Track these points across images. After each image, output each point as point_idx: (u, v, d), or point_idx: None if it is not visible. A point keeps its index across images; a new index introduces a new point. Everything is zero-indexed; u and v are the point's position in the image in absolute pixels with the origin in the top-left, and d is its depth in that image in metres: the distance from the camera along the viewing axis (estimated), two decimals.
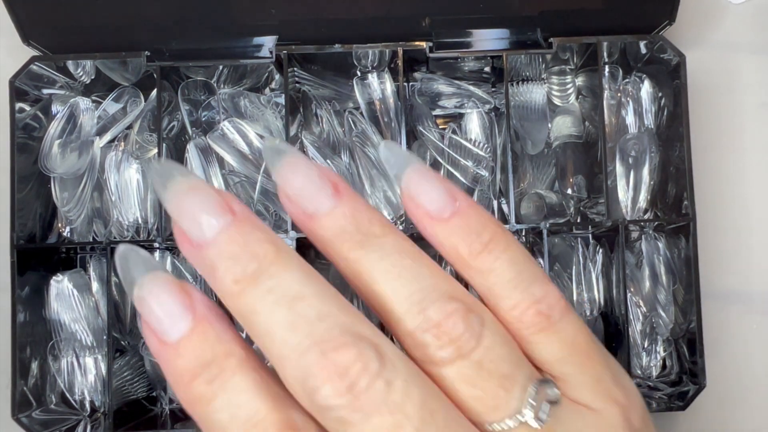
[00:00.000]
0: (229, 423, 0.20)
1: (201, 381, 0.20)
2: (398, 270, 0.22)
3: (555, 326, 0.22)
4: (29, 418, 0.45)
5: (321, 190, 0.23)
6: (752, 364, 0.51)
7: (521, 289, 0.22)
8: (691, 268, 0.45)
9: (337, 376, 0.19)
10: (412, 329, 0.21)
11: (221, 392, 0.20)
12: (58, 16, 0.45)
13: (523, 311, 0.22)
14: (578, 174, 0.50)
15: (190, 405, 0.21)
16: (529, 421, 0.20)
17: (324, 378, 0.19)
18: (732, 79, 0.52)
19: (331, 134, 0.50)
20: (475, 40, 0.47)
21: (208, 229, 0.22)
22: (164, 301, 0.21)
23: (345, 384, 0.19)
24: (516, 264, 0.22)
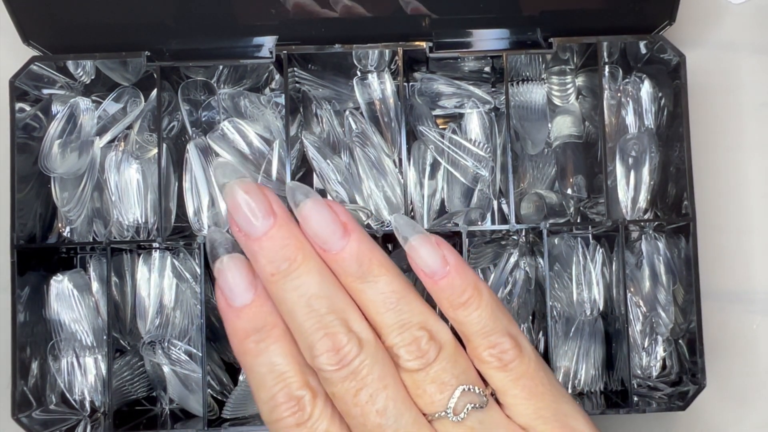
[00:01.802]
0: (266, 374, 0.30)
1: (251, 340, 0.31)
2: (387, 304, 0.31)
3: (506, 366, 0.30)
4: (29, 418, 0.45)
5: (333, 233, 0.31)
6: (752, 363, 0.51)
7: (483, 337, 0.31)
8: (691, 268, 0.45)
9: (332, 352, 0.29)
10: (391, 344, 0.31)
11: (264, 351, 0.30)
12: (58, 16, 0.45)
13: (482, 352, 0.31)
14: (578, 174, 0.50)
15: (240, 354, 0.31)
16: (450, 416, 0.30)
17: (322, 351, 0.29)
18: (732, 79, 0.52)
19: (331, 134, 0.50)
20: (475, 40, 0.47)
21: (253, 228, 0.30)
22: (237, 275, 0.31)
23: (335, 359, 0.29)
24: (482, 319, 0.31)
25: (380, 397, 0.29)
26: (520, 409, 0.30)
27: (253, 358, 0.30)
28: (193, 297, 0.48)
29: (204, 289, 0.45)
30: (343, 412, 0.30)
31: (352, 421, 0.30)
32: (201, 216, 0.48)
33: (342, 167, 0.49)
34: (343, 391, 0.29)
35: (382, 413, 0.29)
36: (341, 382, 0.29)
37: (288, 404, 0.29)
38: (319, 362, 0.29)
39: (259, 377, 0.30)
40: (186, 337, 0.49)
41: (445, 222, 0.49)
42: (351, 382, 0.29)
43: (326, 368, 0.29)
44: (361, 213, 0.48)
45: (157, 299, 0.49)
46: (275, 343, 0.30)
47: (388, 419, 0.29)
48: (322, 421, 0.30)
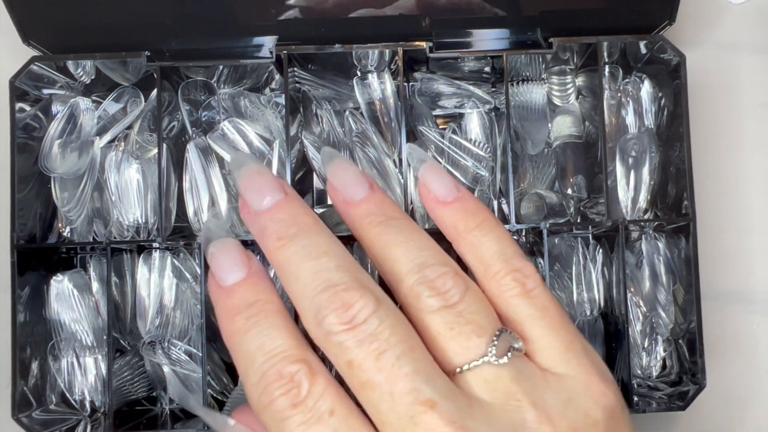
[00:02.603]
0: (255, 351, 0.25)
1: (242, 316, 0.27)
2: (407, 242, 0.28)
3: (530, 293, 0.27)
4: (29, 418, 0.45)
5: (359, 184, 0.30)
6: (752, 363, 0.51)
7: (503, 260, 0.28)
8: (691, 268, 0.45)
9: (342, 309, 0.25)
10: (411, 283, 0.26)
11: (255, 326, 0.26)
12: (58, 16, 0.45)
13: (503, 277, 0.27)
14: (578, 174, 0.50)
15: (229, 337, 0.27)
16: (492, 360, 0.25)
17: (332, 309, 0.25)
18: (732, 79, 0.52)
19: (331, 134, 0.50)
20: (475, 40, 0.47)
21: (265, 202, 0.29)
22: (229, 255, 0.29)
23: (348, 316, 0.25)
24: (501, 241, 0.28)
25: (408, 359, 0.24)
26: (549, 341, 0.26)
27: (242, 336, 0.26)
28: (193, 297, 0.48)
29: (204, 289, 0.45)
30: (363, 384, 0.24)
31: (375, 393, 0.24)
32: (201, 216, 0.48)
33: None
34: (361, 357, 0.24)
35: (413, 377, 0.24)
36: (358, 346, 0.24)
37: (280, 382, 0.24)
38: (328, 324, 0.25)
39: (248, 356, 0.26)
40: (186, 337, 0.49)
41: None
42: (371, 344, 0.24)
43: (337, 329, 0.24)
44: None
45: (157, 299, 0.49)
46: (268, 317, 0.26)
47: (420, 383, 0.24)
48: (325, 400, 0.24)
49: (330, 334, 0.25)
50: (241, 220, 0.48)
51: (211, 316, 0.48)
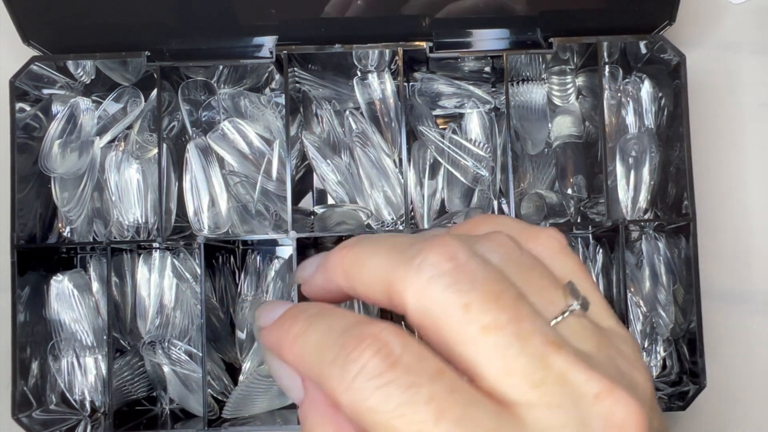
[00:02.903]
0: (325, 333, 0.22)
1: (301, 318, 0.23)
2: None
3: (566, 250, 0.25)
4: (29, 418, 0.45)
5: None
6: (752, 364, 0.51)
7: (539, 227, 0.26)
8: (691, 268, 0.45)
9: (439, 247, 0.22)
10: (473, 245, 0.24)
11: (319, 318, 0.23)
12: (58, 16, 0.45)
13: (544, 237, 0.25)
14: (578, 174, 0.50)
15: (290, 346, 0.23)
16: (578, 309, 0.23)
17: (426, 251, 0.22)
18: (732, 79, 0.52)
19: (331, 134, 0.50)
20: (475, 40, 0.47)
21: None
22: (273, 302, 0.25)
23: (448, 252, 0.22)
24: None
25: (525, 301, 0.22)
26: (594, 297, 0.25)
27: (305, 331, 0.23)
28: (193, 297, 0.48)
29: (204, 289, 0.45)
30: (486, 327, 0.21)
31: (499, 335, 0.21)
32: (201, 216, 0.48)
33: (342, 167, 0.49)
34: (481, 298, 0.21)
35: (534, 318, 0.22)
36: (472, 285, 0.21)
37: (364, 343, 0.21)
38: (428, 264, 0.22)
39: (318, 342, 0.22)
40: (186, 337, 0.49)
41: (445, 222, 0.49)
42: (493, 284, 0.22)
43: (443, 267, 0.21)
44: (361, 213, 0.48)
45: (157, 299, 0.49)
46: (331, 310, 0.23)
47: (542, 324, 0.21)
48: (426, 358, 0.21)
49: (434, 277, 0.21)
50: (241, 220, 0.48)
51: (211, 315, 0.48)
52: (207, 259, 0.46)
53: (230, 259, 0.51)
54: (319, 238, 0.47)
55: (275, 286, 0.50)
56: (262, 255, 0.51)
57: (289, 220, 0.45)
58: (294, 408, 0.47)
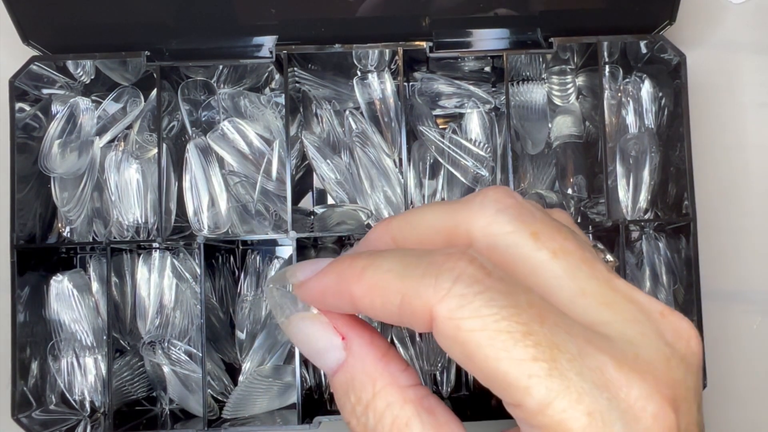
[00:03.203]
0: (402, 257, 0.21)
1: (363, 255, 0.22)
2: None
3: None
4: (29, 418, 0.45)
5: None
6: (752, 364, 0.51)
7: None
8: (692, 268, 0.45)
9: (495, 188, 0.23)
10: None
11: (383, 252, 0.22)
12: (58, 16, 0.45)
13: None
14: (578, 174, 0.50)
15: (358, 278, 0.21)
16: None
17: (484, 192, 0.23)
18: (732, 79, 0.52)
19: (331, 134, 0.50)
20: (475, 40, 0.47)
21: None
22: (311, 260, 0.24)
23: (506, 191, 0.23)
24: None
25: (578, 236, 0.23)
26: None
27: (375, 259, 0.21)
28: (193, 297, 0.48)
29: (204, 289, 0.45)
30: (556, 251, 0.22)
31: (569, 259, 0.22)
32: (201, 216, 0.48)
33: (342, 167, 0.49)
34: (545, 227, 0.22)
35: (593, 250, 0.23)
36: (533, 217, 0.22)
37: (455, 256, 0.20)
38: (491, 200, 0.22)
39: (395, 267, 0.21)
40: (186, 337, 0.49)
41: None
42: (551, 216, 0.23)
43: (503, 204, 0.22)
44: (361, 213, 0.48)
45: (157, 299, 0.49)
46: (394, 250, 0.22)
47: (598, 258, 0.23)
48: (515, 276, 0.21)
49: (500, 210, 0.22)
50: (241, 220, 0.48)
51: (211, 315, 0.48)
52: (207, 259, 0.46)
53: (230, 259, 0.51)
54: (319, 238, 0.47)
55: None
56: (262, 255, 0.51)
57: (289, 220, 0.45)
58: (293, 408, 0.47)
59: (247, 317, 0.50)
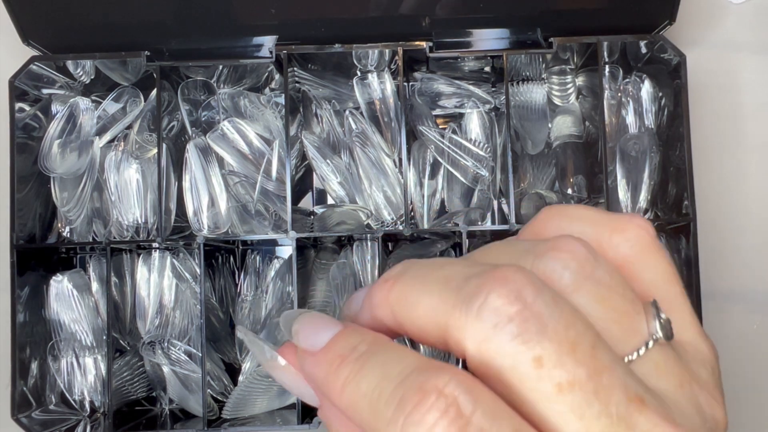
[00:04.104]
0: (380, 381, 0.19)
1: (350, 359, 0.20)
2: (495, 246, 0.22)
3: (655, 245, 0.22)
4: (29, 418, 0.45)
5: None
6: (752, 364, 0.51)
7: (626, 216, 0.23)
8: (692, 268, 0.45)
9: (501, 286, 0.19)
10: (531, 264, 0.20)
11: (371, 359, 0.20)
12: (58, 16, 0.45)
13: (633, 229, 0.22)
14: (578, 174, 0.50)
15: (339, 392, 0.20)
16: (661, 339, 0.20)
17: (487, 290, 0.19)
18: (732, 79, 0.52)
19: (331, 134, 0.50)
20: (475, 40, 0.47)
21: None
22: (315, 320, 0.22)
23: (512, 291, 0.19)
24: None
25: (603, 346, 0.19)
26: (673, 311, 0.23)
27: (356, 377, 0.20)
28: (192, 297, 0.48)
29: (203, 289, 0.45)
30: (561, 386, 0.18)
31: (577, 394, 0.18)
32: (201, 216, 0.48)
33: (342, 167, 0.49)
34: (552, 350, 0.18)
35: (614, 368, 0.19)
36: (542, 335, 0.19)
37: (427, 400, 0.18)
38: (490, 302, 0.19)
39: (371, 393, 0.19)
40: (186, 337, 0.49)
41: (445, 222, 0.49)
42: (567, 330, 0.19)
43: (507, 310, 0.19)
44: (361, 213, 0.48)
45: (156, 299, 0.49)
46: (384, 345, 0.20)
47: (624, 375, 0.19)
48: (502, 418, 0.18)
49: (498, 325, 0.18)
50: (241, 220, 0.48)
51: (210, 316, 0.48)
52: (207, 259, 0.46)
53: (230, 259, 0.51)
54: (318, 238, 0.47)
55: (275, 286, 0.50)
56: (262, 255, 0.51)
57: (289, 220, 0.45)
58: (293, 408, 0.47)
59: (247, 317, 0.50)
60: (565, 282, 0.20)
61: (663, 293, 0.22)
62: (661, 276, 0.22)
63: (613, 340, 0.20)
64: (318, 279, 0.50)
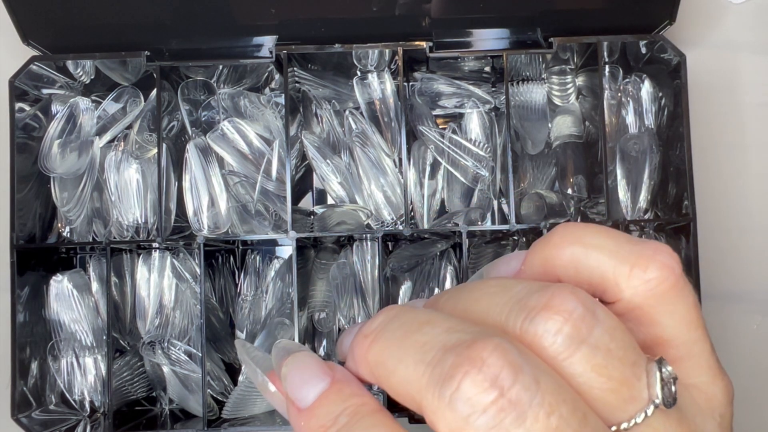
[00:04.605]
0: None
1: (338, 425, 0.20)
2: (486, 289, 0.21)
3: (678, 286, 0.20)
4: (29, 418, 0.45)
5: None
6: (752, 364, 0.51)
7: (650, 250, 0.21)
8: (692, 269, 0.45)
9: (477, 370, 0.17)
10: (520, 326, 0.19)
11: (356, 424, 0.19)
12: (58, 16, 0.45)
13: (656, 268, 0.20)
14: (578, 174, 0.50)
15: None
16: (662, 405, 0.19)
17: (463, 375, 0.17)
18: (732, 79, 0.52)
19: (331, 134, 0.50)
20: (475, 39, 0.47)
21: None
22: (304, 369, 0.21)
23: (489, 376, 0.17)
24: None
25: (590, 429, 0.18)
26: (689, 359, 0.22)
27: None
28: (192, 297, 0.48)
29: (203, 289, 0.45)
30: None
31: None
32: (201, 216, 0.48)
33: (342, 167, 0.49)
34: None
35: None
36: (519, 421, 0.17)
37: None
38: (464, 399, 0.17)
39: None
40: (186, 337, 0.49)
41: (445, 222, 0.49)
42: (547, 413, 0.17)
43: (482, 400, 0.17)
44: (361, 213, 0.48)
45: (156, 299, 0.49)
46: (369, 415, 0.20)
47: None
48: None
49: (471, 416, 0.17)
50: (241, 220, 0.48)
51: (210, 316, 0.48)
52: (207, 259, 0.46)
53: (230, 259, 0.51)
54: (318, 238, 0.47)
55: (275, 286, 0.50)
56: (262, 255, 0.51)
57: (289, 220, 0.45)
58: None
59: (247, 317, 0.50)
60: (557, 348, 0.19)
61: (681, 338, 0.21)
62: (680, 320, 0.21)
63: (609, 408, 0.19)
64: (318, 279, 0.50)
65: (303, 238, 0.45)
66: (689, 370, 0.21)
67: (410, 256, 0.49)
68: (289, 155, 0.46)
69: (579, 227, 0.21)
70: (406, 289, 0.50)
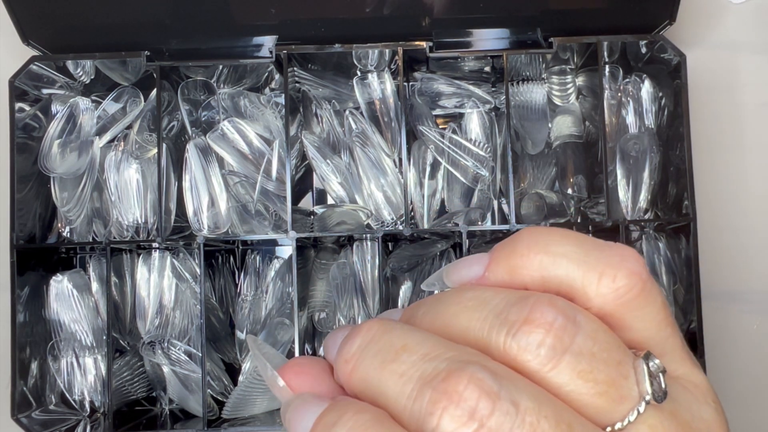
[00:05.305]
0: None
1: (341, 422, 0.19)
2: (464, 302, 0.21)
3: (647, 288, 0.20)
4: (29, 418, 0.45)
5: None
6: (752, 364, 0.51)
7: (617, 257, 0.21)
8: (692, 268, 0.45)
9: (454, 405, 0.18)
10: (503, 342, 0.19)
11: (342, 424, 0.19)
12: (58, 16, 0.45)
13: (624, 275, 0.20)
14: (578, 174, 0.50)
15: None
16: (653, 401, 0.19)
17: (441, 410, 0.18)
18: (732, 79, 0.52)
19: (331, 134, 0.50)
20: (475, 39, 0.47)
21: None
22: (302, 408, 0.21)
23: (465, 411, 0.17)
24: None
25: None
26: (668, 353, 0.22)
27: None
28: (192, 297, 0.48)
29: (203, 289, 0.45)
30: None
31: None
32: (201, 216, 0.48)
33: (342, 167, 0.49)
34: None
35: None
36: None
37: None
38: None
39: None
40: (186, 337, 0.49)
41: (445, 222, 0.49)
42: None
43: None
44: (361, 213, 0.48)
45: (156, 299, 0.49)
46: (359, 413, 0.19)
47: None
48: None
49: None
50: (241, 220, 0.48)
51: (210, 316, 0.48)
52: (206, 259, 0.46)
53: (230, 259, 0.51)
54: (318, 238, 0.47)
55: (275, 286, 0.50)
56: (262, 255, 0.51)
57: (289, 220, 0.45)
58: None
59: (247, 317, 0.50)
60: (541, 361, 0.19)
61: (654, 339, 0.21)
62: (651, 322, 0.21)
63: (600, 412, 0.19)
64: (318, 279, 0.50)
65: (303, 238, 0.45)
66: (667, 365, 0.21)
67: (410, 256, 0.49)
68: (289, 155, 0.46)
69: (544, 233, 0.21)
70: (406, 289, 0.50)
